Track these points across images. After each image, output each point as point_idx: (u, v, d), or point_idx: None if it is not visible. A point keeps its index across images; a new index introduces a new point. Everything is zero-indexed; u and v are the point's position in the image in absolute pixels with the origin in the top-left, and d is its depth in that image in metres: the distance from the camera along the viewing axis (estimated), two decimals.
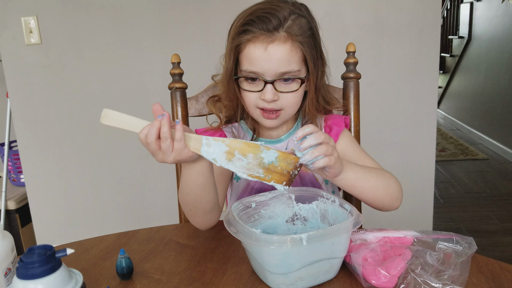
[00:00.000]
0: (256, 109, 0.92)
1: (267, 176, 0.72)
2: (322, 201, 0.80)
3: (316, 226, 0.82)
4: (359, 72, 1.11)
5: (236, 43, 0.87)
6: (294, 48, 0.86)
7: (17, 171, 2.49)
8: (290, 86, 0.89)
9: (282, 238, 0.64)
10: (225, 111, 1.01)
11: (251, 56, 0.86)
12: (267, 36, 0.84)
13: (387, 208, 0.89)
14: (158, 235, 0.92)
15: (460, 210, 2.91)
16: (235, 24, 0.90)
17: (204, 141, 0.71)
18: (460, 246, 0.74)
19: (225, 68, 0.92)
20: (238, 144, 0.70)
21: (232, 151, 0.70)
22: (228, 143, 0.70)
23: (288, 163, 0.72)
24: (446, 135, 4.88)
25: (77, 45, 2.08)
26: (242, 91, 0.92)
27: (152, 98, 2.04)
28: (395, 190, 0.88)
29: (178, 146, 0.69)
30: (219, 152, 0.70)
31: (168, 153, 0.70)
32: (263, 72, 0.86)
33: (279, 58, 0.85)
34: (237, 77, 0.90)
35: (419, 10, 1.88)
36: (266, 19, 0.84)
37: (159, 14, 2.01)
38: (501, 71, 4.05)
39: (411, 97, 1.98)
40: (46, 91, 2.15)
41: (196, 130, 1.03)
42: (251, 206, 0.79)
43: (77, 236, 2.25)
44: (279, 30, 0.85)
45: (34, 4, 2.06)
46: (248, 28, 0.85)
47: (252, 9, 0.88)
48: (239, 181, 1.01)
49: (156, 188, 2.21)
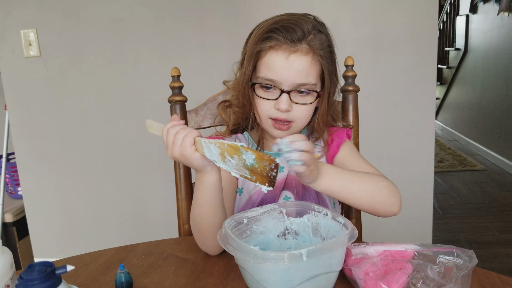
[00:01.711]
0: (268, 119, 0.92)
1: (253, 177, 0.73)
2: (313, 214, 0.80)
3: (308, 240, 0.82)
4: (358, 85, 1.12)
5: (258, 49, 0.88)
6: (314, 62, 0.88)
7: (14, 184, 2.48)
8: (305, 98, 0.90)
9: (280, 254, 0.64)
10: (234, 118, 1.01)
11: (271, 64, 0.87)
12: (290, 45, 0.86)
13: (381, 213, 0.88)
14: (158, 249, 0.91)
15: (459, 221, 2.90)
16: (256, 31, 0.91)
17: (203, 144, 0.75)
18: (460, 260, 0.73)
19: (241, 74, 0.93)
20: (224, 146, 0.73)
21: (223, 153, 0.74)
22: (218, 146, 0.73)
23: (264, 164, 0.72)
24: (444, 146, 4.89)
25: (76, 58, 2.09)
26: (256, 98, 0.92)
27: (152, 111, 2.05)
28: (386, 195, 0.87)
29: (186, 140, 0.75)
30: (215, 153, 0.74)
31: (177, 146, 0.76)
32: (281, 81, 0.87)
33: (299, 69, 0.87)
34: (253, 83, 0.91)
35: (416, 23, 1.90)
36: (291, 29, 0.86)
37: (158, 28, 2.02)
38: (498, 82, 4.08)
39: (409, 109, 1.99)
40: (44, 104, 2.16)
41: None
42: (243, 222, 0.79)
43: (74, 250, 2.25)
44: (302, 41, 0.86)
45: (34, 17, 2.07)
46: (272, 36, 0.87)
47: (276, 18, 0.90)
48: (242, 195, 1.00)
49: (154, 202, 2.20)
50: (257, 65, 0.90)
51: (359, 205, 0.88)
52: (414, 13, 1.89)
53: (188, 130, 0.76)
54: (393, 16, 1.91)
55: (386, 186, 0.87)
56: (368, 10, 1.92)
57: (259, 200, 0.99)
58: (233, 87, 0.99)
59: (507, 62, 3.88)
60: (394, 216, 2.18)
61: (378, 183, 0.87)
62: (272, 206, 0.82)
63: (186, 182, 1.11)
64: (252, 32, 0.93)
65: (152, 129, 0.83)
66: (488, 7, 4.27)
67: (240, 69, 0.95)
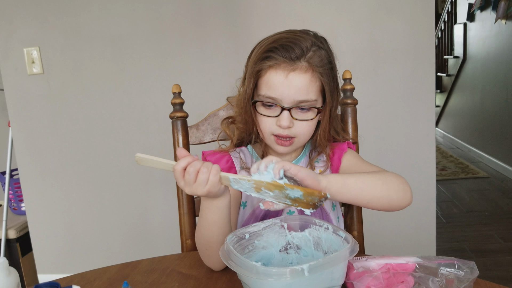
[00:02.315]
0: (270, 135, 0.94)
1: (295, 204, 0.75)
2: (315, 228, 0.80)
3: (309, 254, 0.82)
4: (356, 98, 1.13)
5: (258, 68, 0.90)
6: (313, 78, 0.89)
7: (18, 200, 2.49)
8: (306, 114, 0.91)
9: (282, 270, 0.64)
10: (238, 133, 1.03)
11: (271, 82, 0.89)
12: (289, 64, 0.87)
13: (396, 206, 0.88)
14: (161, 265, 0.92)
15: (463, 229, 2.89)
16: (256, 50, 0.92)
17: (231, 179, 0.75)
18: (462, 272, 0.74)
19: (243, 92, 0.94)
20: (263, 183, 0.74)
21: (259, 187, 0.74)
22: (254, 183, 0.74)
23: (312, 197, 0.74)
24: (446, 153, 4.89)
25: (78, 75, 2.12)
26: (258, 115, 0.94)
27: (153, 127, 2.07)
28: (399, 187, 0.87)
29: (213, 179, 0.74)
30: (247, 186, 0.75)
31: (203, 184, 0.74)
32: (281, 98, 0.89)
33: (299, 87, 0.88)
34: (254, 101, 0.93)
35: (413, 32, 1.92)
36: (289, 48, 0.87)
37: (159, 45, 2.05)
38: (497, 89, 4.09)
39: (409, 117, 2.00)
40: (47, 120, 2.17)
41: (203, 152, 1.05)
42: (244, 237, 0.79)
43: (78, 265, 2.25)
44: (301, 59, 0.88)
45: (37, 35, 2.10)
46: (271, 55, 0.88)
47: (275, 37, 0.91)
48: (245, 208, 1.01)
49: (157, 217, 2.20)
50: (258, 83, 0.92)
51: (375, 202, 0.87)
52: (412, 22, 1.91)
53: (209, 166, 0.75)
54: (391, 25, 1.93)
55: (395, 178, 0.88)
56: (366, 20, 1.94)
57: (262, 214, 0.99)
58: (236, 104, 1.00)
59: (506, 69, 3.90)
60: (397, 226, 2.19)
61: (387, 177, 0.88)
62: (273, 220, 0.83)
63: (188, 197, 1.11)
64: (253, 50, 0.95)
65: (145, 163, 0.77)
66: (485, 15, 4.30)
67: (242, 86, 0.96)
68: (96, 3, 2.04)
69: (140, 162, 0.77)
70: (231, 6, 1.98)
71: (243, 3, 1.97)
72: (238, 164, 1.01)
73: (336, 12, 1.94)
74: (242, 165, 1.01)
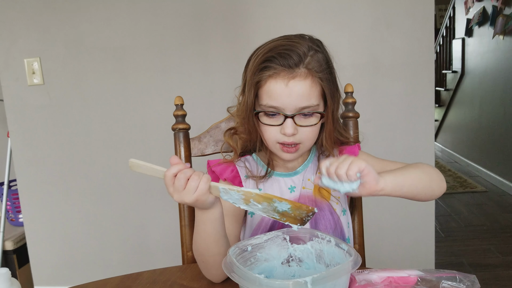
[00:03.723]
0: (275, 143, 0.93)
1: (282, 218, 0.76)
2: (317, 241, 0.80)
3: (312, 267, 0.82)
4: (358, 111, 1.14)
5: (257, 79, 0.89)
6: (314, 84, 0.89)
7: (15, 211, 2.48)
8: (309, 120, 0.91)
9: (285, 282, 0.64)
10: (241, 143, 1.03)
11: (271, 92, 0.88)
12: (288, 72, 0.87)
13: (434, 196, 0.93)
14: (162, 277, 0.92)
15: (462, 243, 2.89)
16: (254, 60, 0.91)
17: (221, 189, 0.75)
18: (463, 285, 0.74)
19: (244, 102, 0.94)
20: (252, 194, 0.74)
21: (248, 199, 0.74)
22: (243, 193, 0.74)
23: (300, 212, 0.75)
24: (444, 167, 4.90)
25: (79, 86, 2.12)
26: (261, 125, 0.93)
27: (155, 139, 2.07)
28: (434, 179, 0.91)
29: (203, 186, 0.75)
30: (237, 198, 0.75)
31: (192, 192, 0.74)
32: (283, 107, 0.88)
33: (300, 94, 0.88)
34: (257, 112, 0.92)
35: (413, 47, 1.94)
36: (287, 56, 0.87)
37: (160, 57, 2.06)
38: (495, 104, 4.12)
39: (409, 132, 2.01)
40: (47, 131, 2.17)
41: (208, 161, 1.04)
42: (247, 249, 0.79)
43: (75, 278, 2.23)
44: (299, 66, 0.87)
45: (37, 46, 2.11)
46: (269, 65, 0.88)
47: (271, 45, 0.90)
48: (254, 216, 1.01)
49: (157, 228, 2.20)
50: (259, 93, 0.91)
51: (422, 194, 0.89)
52: (411, 37, 1.93)
53: (200, 175, 0.75)
54: (391, 41, 1.95)
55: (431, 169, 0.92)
56: (366, 36, 1.96)
57: (271, 222, 0.99)
58: (237, 114, 1.00)
59: (503, 84, 3.93)
60: (396, 240, 2.19)
61: (425, 169, 0.91)
62: (275, 233, 0.83)
63: (189, 208, 1.11)
64: (250, 60, 0.94)
65: (138, 169, 0.78)
66: (483, 30, 4.34)
67: (242, 95, 0.96)
68: (97, 15, 2.05)
69: (133, 168, 0.77)
70: (233, 20, 2.00)
71: (245, 18, 1.99)
72: (243, 173, 1.01)
73: (337, 28, 1.96)
74: (248, 174, 1.00)
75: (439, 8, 6.70)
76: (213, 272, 0.87)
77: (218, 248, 0.84)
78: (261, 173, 1.00)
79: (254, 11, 1.98)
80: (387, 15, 1.93)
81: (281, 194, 0.99)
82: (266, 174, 0.99)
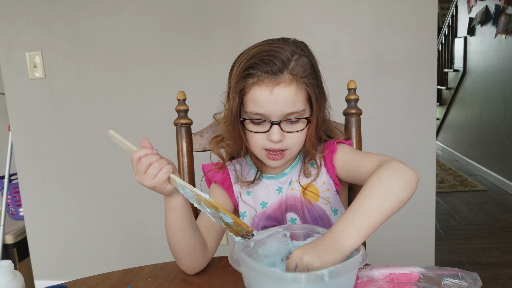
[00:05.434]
0: (262, 150, 0.92)
1: (227, 228, 0.78)
2: (317, 237, 0.79)
3: None
4: (360, 108, 1.14)
5: (241, 86, 0.87)
6: (299, 89, 0.86)
7: (16, 205, 2.48)
8: (295, 126, 0.90)
9: (299, 275, 0.63)
10: (228, 150, 1.02)
11: (256, 99, 0.86)
12: (272, 78, 0.84)
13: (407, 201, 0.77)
14: (163, 272, 0.92)
15: (461, 242, 2.89)
16: (237, 67, 0.89)
17: (178, 183, 0.77)
18: (465, 283, 0.74)
19: (229, 110, 0.92)
20: (202, 198, 0.75)
21: (199, 200, 0.76)
22: (195, 194, 0.75)
23: (240, 229, 0.77)
24: (445, 166, 4.90)
25: (80, 81, 2.12)
26: (247, 132, 0.92)
27: (156, 134, 2.07)
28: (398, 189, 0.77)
29: (161, 176, 0.77)
30: (190, 196, 0.77)
31: (150, 178, 0.77)
32: (269, 114, 0.87)
33: (285, 100, 0.85)
34: (243, 119, 0.90)
35: (415, 45, 1.93)
36: (270, 62, 0.84)
37: (162, 52, 2.06)
38: (496, 103, 4.11)
39: (410, 130, 2.00)
40: (48, 125, 2.17)
41: (203, 165, 1.04)
42: (249, 245, 0.79)
43: (75, 272, 2.24)
44: (283, 72, 0.85)
45: (39, 40, 2.11)
46: (252, 72, 0.85)
47: (253, 51, 0.88)
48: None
49: (157, 224, 2.19)
50: (244, 101, 0.89)
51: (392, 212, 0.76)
52: (414, 36, 1.93)
53: (163, 163, 0.77)
54: (393, 39, 1.94)
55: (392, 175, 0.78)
56: (368, 34, 1.95)
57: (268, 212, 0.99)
58: (224, 121, 0.97)
59: (505, 83, 3.92)
60: (396, 239, 2.18)
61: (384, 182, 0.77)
62: (276, 229, 0.82)
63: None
64: (233, 66, 0.92)
65: (115, 140, 0.83)
66: (486, 29, 4.34)
67: (227, 102, 0.93)
68: (99, 10, 2.05)
69: (111, 138, 0.83)
70: (235, 16, 1.99)
71: (247, 15, 1.98)
72: (233, 176, 1.01)
73: (339, 25, 1.96)
74: (237, 178, 1.00)
75: (442, 6, 6.68)
76: (182, 261, 0.89)
77: (182, 238, 0.86)
78: (251, 177, 1.00)
79: (257, 8, 1.98)
80: (389, 13, 1.92)
81: (268, 196, 0.99)
82: (255, 179, 0.99)
